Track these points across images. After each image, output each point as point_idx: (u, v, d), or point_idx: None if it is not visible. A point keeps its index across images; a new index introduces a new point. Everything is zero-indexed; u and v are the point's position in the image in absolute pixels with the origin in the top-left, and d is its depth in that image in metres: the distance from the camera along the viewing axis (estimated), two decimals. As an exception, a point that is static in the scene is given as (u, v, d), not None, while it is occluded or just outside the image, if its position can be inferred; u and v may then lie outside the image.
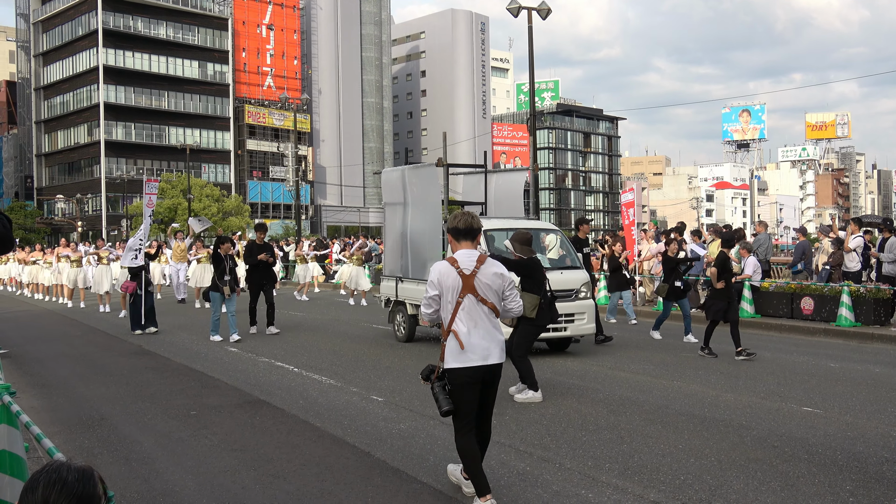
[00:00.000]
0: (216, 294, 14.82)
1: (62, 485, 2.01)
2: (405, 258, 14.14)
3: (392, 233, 14.76)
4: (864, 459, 6.67)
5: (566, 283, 12.26)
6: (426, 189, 13.53)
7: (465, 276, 5.37)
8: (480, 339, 5.35)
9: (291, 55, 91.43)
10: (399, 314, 14.46)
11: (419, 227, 13.66)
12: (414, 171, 14.14)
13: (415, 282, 13.77)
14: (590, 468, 6.47)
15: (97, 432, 8.01)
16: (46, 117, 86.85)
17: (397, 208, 14.54)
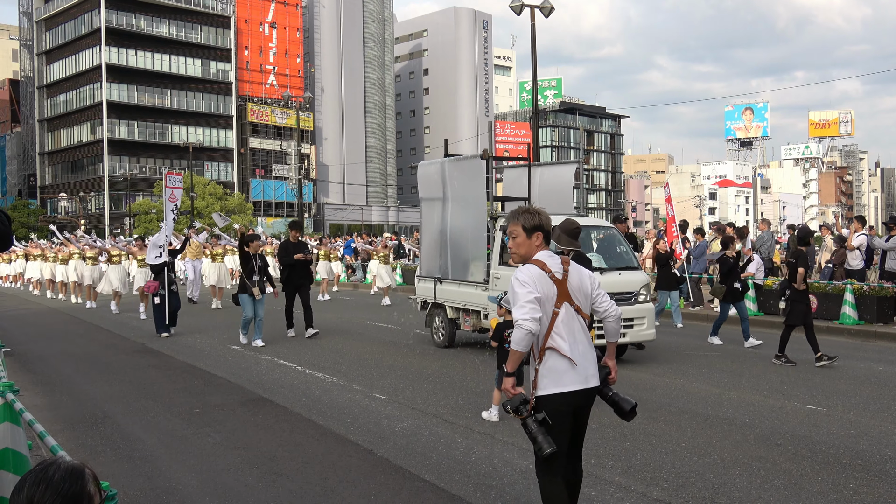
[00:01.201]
0: (245, 296, 13.71)
1: (47, 484, 2.00)
2: (444, 258, 13.26)
3: (429, 230, 13.81)
4: (868, 457, 6.66)
5: (624, 286, 11.35)
6: (468, 183, 12.66)
7: (558, 281, 4.51)
8: (580, 358, 4.52)
9: (294, 53, 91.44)
10: (437, 318, 13.53)
11: (461, 224, 12.84)
12: (455, 164, 13.23)
13: (455, 283, 12.97)
14: (592, 466, 6.46)
15: (100, 430, 8.02)
16: (49, 115, 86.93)
17: (435, 204, 13.59)
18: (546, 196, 13.92)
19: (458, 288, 12.85)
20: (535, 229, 4.63)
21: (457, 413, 8.45)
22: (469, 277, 12.52)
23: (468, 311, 12.68)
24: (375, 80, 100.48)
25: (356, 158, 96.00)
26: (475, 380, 10.39)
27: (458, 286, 12.86)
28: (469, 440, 7.33)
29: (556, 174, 14.62)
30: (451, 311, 13.14)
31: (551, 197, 13.88)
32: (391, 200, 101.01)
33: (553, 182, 14.36)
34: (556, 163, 15.34)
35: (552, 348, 4.45)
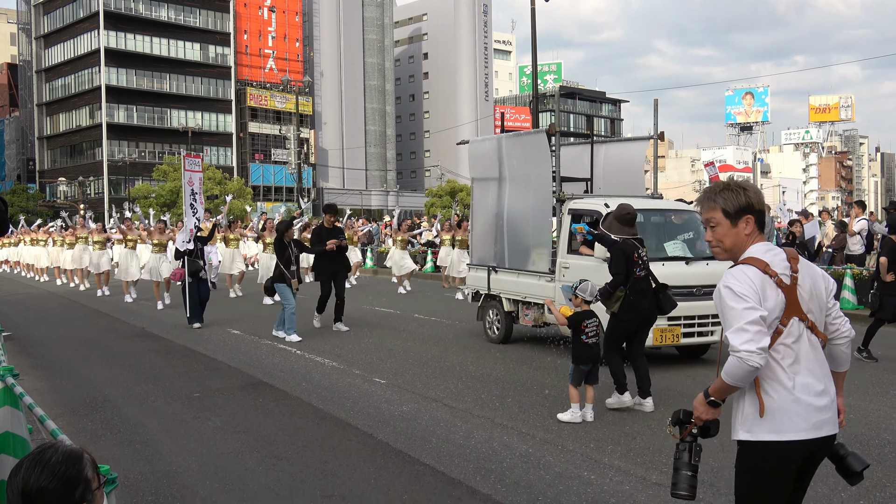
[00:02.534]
0: (284, 286, 12.64)
1: (43, 466, 1.99)
2: (500, 244, 12.04)
3: (482, 214, 12.57)
4: (867, 442, 6.67)
5: (713, 277, 9.75)
6: (530, 161, 11.44)
7: (786, 287, 3.20)
8: (810, 394, 3.23)
9: (293, 37, 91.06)
10: (492, 310, 12.27)
11: (520, 206, 11.62)
12: (515, 141, 12.14)
13: (513, 272, 11.75)
14: (592, 450, 6.48)
15: (100, 414, 8.03)
16: (48, 100, 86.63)
17: (490, 185, 12.34)
18: (610, 177, 12.83)
19: (517, 278, 11.63)
20: (742, 212, 3.29)
21: (456, 397, 8.46)
22: (530, 267, 11.36)
23: (528, 304, 11.50)
24: (375, 64, 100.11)
25: (356, 143, 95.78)
26: (475, 364, 10.40)
27: (517, 276, 11.64)
28: (469, 424, 7.34)
29: (622, 152, 13.14)
30: (507, 303, 11.91)
31: (616, 178, 12.71)
32: (391, 185, 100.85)
33: (619, 161, 12.96)
34: (624, 139, 13.75)
35: (771, 379, 3.21)
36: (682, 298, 9.17)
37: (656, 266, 9.03)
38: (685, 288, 9.48)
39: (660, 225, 10.72)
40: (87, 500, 2.03)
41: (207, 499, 5.56)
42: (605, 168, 12.93)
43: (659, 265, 9.23)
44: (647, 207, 10.58)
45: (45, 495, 1.96)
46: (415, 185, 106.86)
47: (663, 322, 9.24)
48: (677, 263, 9.83)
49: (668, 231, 10.61)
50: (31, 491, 1.96)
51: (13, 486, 1.97)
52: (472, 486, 5.66)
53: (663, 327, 9.35)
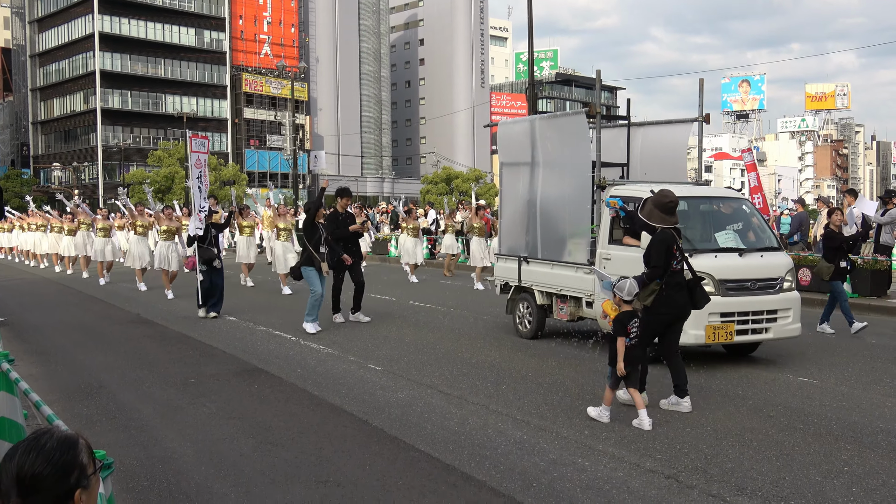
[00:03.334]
0: (312, 270, 11.91)
1: (38, 452, 1.98)
2: (532, 233, 11.30)
3: (512, 201, 11.85)
4: (860, 429, 6.71)
5: (768, 270, 9.33)
6: (567, 145, 10.69)
7: None
8: None
9: (289, 23, 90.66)
10: (522, 304, 11.51)
11: (556, 193, 10.86)
12: (550, 122, 11.37)
13: (547, 264, 10.95)
14: (586, 437, 6.50)
15: (96, 400, 8.04)
16: (42, 85, 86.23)
17: (521, 170, 11.60)
18: (650, 162, 11.91)
19: (552, 270, 10.85)
20: None
21: (451, 384, 8.48)
22: (566, 258, 10.59)
23: (564, 298, 10.75)
24: (370, 50, 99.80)
25: (351, 129, 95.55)
26: (470, 351, 10.42)
27: (552, 268, 10.84)
28: (464, 411, 7.36)
29: (663, 135, 12.13)
30: (540, 296, 11.14)
31: (656, 163, 11.78)
32: (386, 171, 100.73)
33: (659, 145, 12.01)
34: (665, 121, 12.70)
35: None
36: (736, 293, 8.88)
37: (708, 258, 8.77)
38: (739, 282, 8.99)
39: (708, 214, 10.09)
40: (82, 485, 2.02)
41: (202, 484, 5.57)
42: (642, 152, 12.04)
43: (710, 257, 8.89)
44: (695, 195, 9.98)
45: (40, 481, 1.96)
46: (410, 171, 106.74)
47: (716, 319, 8.74)
48: (730, 255, 9.17)
49: (718, 220, 9.91)
50: (26, 476, 1.95)
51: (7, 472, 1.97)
52: (467, 472, 5.68)
53: (716, 324, 8.77)
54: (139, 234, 18.72)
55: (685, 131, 11.95)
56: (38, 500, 1.97)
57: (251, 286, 18.92)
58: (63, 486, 1.99)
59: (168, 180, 64.15)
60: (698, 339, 8.75)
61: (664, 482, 5.47)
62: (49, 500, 1.99)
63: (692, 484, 5.43)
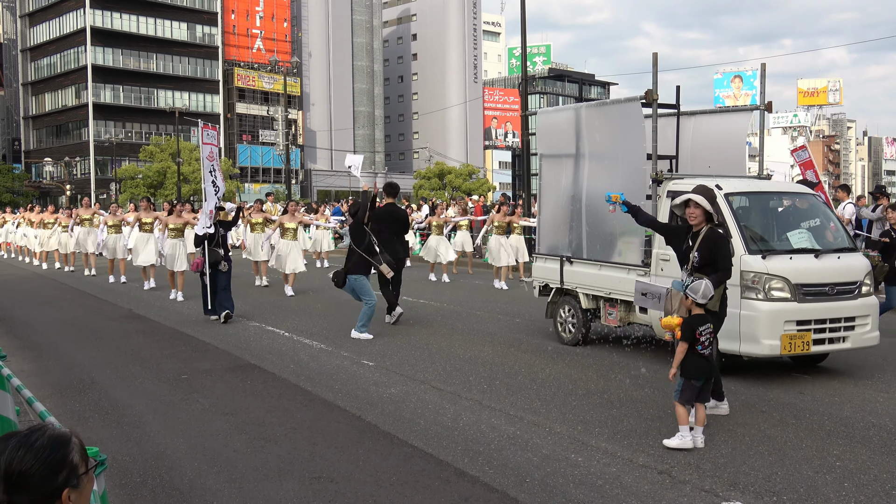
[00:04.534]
0: (363, 278, 11.17)
1: (27, 449, 1.97)
2: (576, 231, 10.38)
3: (553, 196, 10.99)
4: (852, 424, 6.73)
5: (846, 273, 8.42)
6: (619, 135, 9.81)
7: None
8: None
9: (281, 17, 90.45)
10: (565, 307, 10.61)
11: (604, 188, 9.44)
12: (599, 111, 10.45)
13: (594, 265, 10.02)
14: (579, 432, 6.52)
15: (88, 396, 8.02)
16: (34, 79, 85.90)
17: (564, 162, 10.74)
18: (702, 154, 10.86)
19: (599, 271, 9.96)
20: None
21: (444, 379, 8.48)
22: (616, 258, 9.71)
23: (613, 301, 9.84)
24: (363, 45, 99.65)
25: (344, 124, 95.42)
26: (463, 346, 10.42)
27: (599, 269, 9.95)
28: (457, 406, 7.37)
29: (718, 125, 11.08)
30: (585, 299, 10.24)
31: (710, 155, 10.75)
32: (379, 167, 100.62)
33: (714, 135, 10.95)
34: (720, 110, 11.45)
35: None
36: (813, 299, 8.09)
37: (782, 260, 8.11)
38: (816, 286, 8.16)
39: (778, 211, 9.34)
40: (71, 485, 2.00)
41: (195, 480, 5.57)
42: (693, 144, 10.97)
43: (785, 259, 8.14)
44: (762, 190, 9.23)
45: (27, 478, 1.95)
46: (403, 167, 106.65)
47: (792, 327, 7.94)
48: (806, 257, 8.32)
49: (789, 218, 9.17)
50: (13, 473, 1.94)
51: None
52: (460, 467, 5.69)
53: (792, 333, 7.93)
54: (145, 231, 17.85)
55: (744, 121, 11.00)
56: (24, 497, 1.96)
57: (266, 286, 17.99)
58: (51, 484, 1.97)
59: (160, 175, 63.98)
60: (773, 351, 7.93)
61: (657, 477, 5.48)
62: (36, 498, 1.97)
63: (685, 479, 5.45)
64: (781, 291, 7.95)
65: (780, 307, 7.92)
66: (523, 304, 14.28)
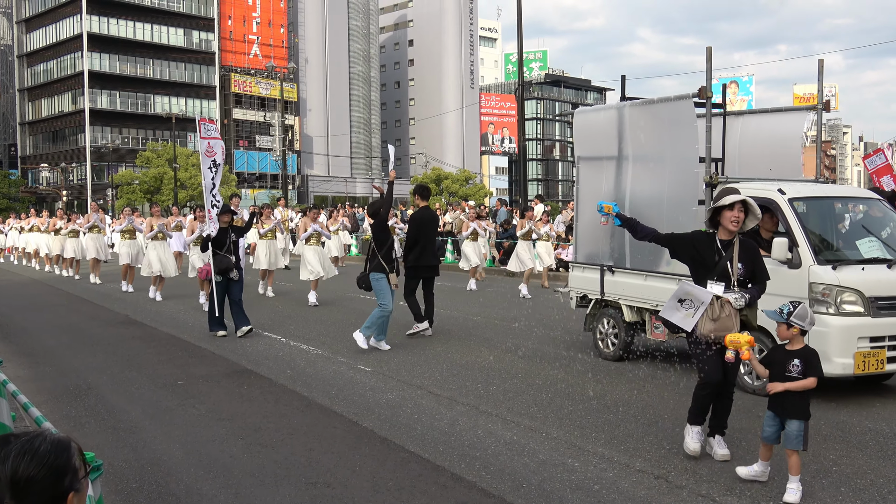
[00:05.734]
0: (383, 280, 10.52)
1: (32, 455, 1.97)
2: (618, 238, 9.67)
3: (591, 200, 9.90)
4: (848, 428, 6.74)
5: None
6: (668, 135, 9.07)
7: None
8: None
9: (278, 23, 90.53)
10: (606, 320, 9.97)
11: (650, 192, 9.25)
12: (644, 110, 9.58)
13: (638, 274, 9.36)
14: (576, 437, 6.51)
15: (84, 401, 8.01)
16: (30, 85, 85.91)
17: (604, 165, 10.02)
18: (751, 156, 10.08)
19: (645, 282, 9.28)
20: None
21: (441, 385, 8.48)
22: (663, 268, 9.00)
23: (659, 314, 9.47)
24: (360, 50, 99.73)
25: (340, 130, 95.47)
26: (459, 351, 10.41)
27: (645, 279, 9.28)
28: (453, 412, 7.36)
29: (771, 126, 10.27)
30: (629, 311, 9.56)
31: (761, 157, 9.97)
32: (375, 172, 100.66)
33: (765, 137, 10.18)
34: (771, 109, 10.88)
35: None
36: (888, 313, 7.51)
37: (853, 271, 7.53)
38: (891, 299, 7.54)
39: (844, 218, 8.81)
40: (74, 489, 2.02)
41: (192, 486, 5.56)
42: (742, 145, 10.16)
43: (856, 270, 7.56)
44: (828, 195, 8.59)
45: (34, 484, 1.95)
46: (400, 172, 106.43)
47: (865, 344, 7.39)
48: (878, 267, 7.74)
49: (857, 225, 8.68)
50: (21, 479, 1.94)
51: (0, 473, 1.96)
52: (457, 472, 5.68)
53: (865, 351, 7.38)
54: (159, 238, 17.18)
55: (800, 121, 10.16)
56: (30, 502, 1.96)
57: (272, 296, 17.04)
58: (57, 489, 1.98)
59: (157, 181, 63.95)
60: (846, 370, 7.36)
61: (654, 482, 5.48)
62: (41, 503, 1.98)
63: (681, 484, 5.45)
64: (854, 305, 7.40)
65: (853, 322, 7.37)
66: (520, 308, 14.29)
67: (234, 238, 12.03)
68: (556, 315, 13.33)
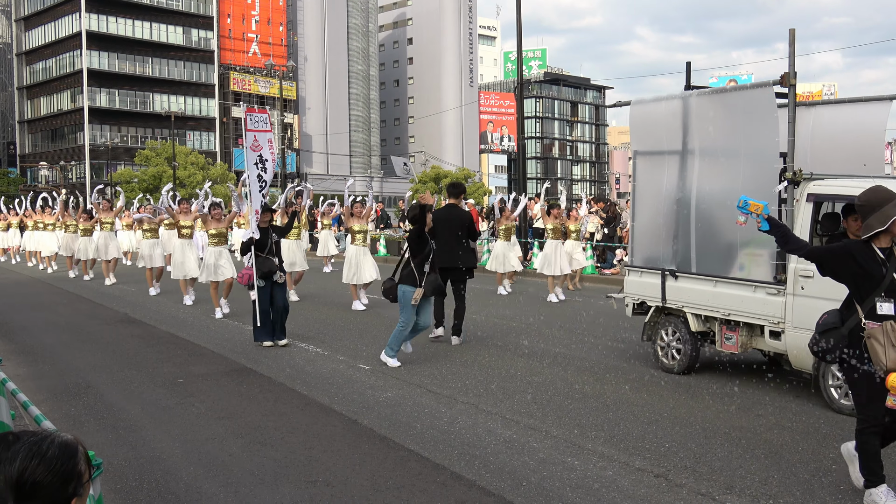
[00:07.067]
0: (410, 291, 9.48)
1: (41, 458, 1.96)
2: (683, 241, 8.91)
3: (651, 199, 9.45)
4: (848, 428, 6.72)
5: None
6: (744, 127, 8.31)
7: None
8: None
9: (277, 21, 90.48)
10: (668, 330, 9.14)
11: (722, 189, 8.42)
12: (715, 99, 8.89)
13: (707, 280, 8.57)
14: (576, 436, 6.51)
15: (83, 400, 8.01)
16: (29, 83, 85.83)
17: (665, 160, 9.29)
18: (825, 150, 9.20)
19: (714, 288, 8.51)
20: None
21: (440, 383, 8.48)
22: (737, 273, 8.30)
23: (732, 324, 8.40)
24: (359, 49, 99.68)
25: (340, 128, 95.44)
26: (459, 350, 10.41)
27: (714, 285, 8.51)
28: (453, 410, 7.36)
29: (847, 118, 9.44)
30: (695, 321, 8.77)
31: (835, 151, 9.17)
32: (375, 171, 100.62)
33: (841, 129, 9.36)
34: (849, 100, 9.87)
35: None
36: None
37: None
38: None
39: None
40: (78, 494, 2.01)
41: (191, 484, 5.55)
42: (814, 138, 9.26)
43: None
44: None
45: (40, 489, 1.94)
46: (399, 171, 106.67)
47: None
48: None
49: None
50: (26, 482, 1.93)
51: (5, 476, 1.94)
52: (457, 471, 5.68)
53: None
54: (185, 236, 15.74)
55: (881, 113, 9.19)
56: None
57: (296, 300, 15.48)
58: (61, 494, 1.97)
59: (156, 179, 63.89)
60: None
61: (653, 481, 5.48)
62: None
63: (681, 482, 5.45)
64: None
65: None
66: (516, 308, 14.29)
67: (276, 238, 11.19)
68: (556, 314, 13.34)
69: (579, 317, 13.34)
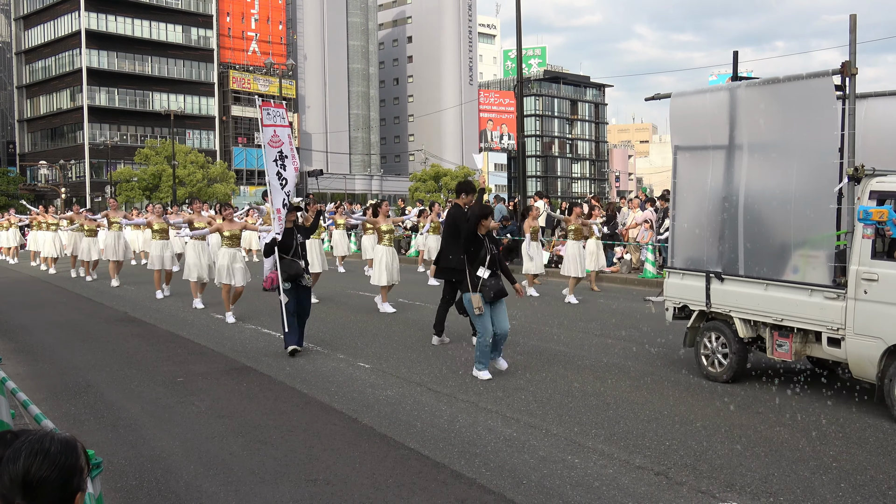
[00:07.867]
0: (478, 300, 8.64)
1: (44, 455, 1.99)
2: (729, 241, 8.42)
3: (694, 197, 8.96)
4: (848, 425, 6.73)
5: None
6: (798, 120, 7.81)
7: None
8: None
9: (276, 20, 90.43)
10: (713, 335, 8.62)
11: (773, 187, 7.98)
12: (766, 91, 8.24)
13: (757, 283, 8.07)
14: (576, 434, 6.51)
15: (83, 399, 8.00)
16: (28, 82, 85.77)
17: (710, 156, 8.77)
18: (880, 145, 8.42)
19: (765, 292, 8.00)
20: None
21: (440, 381, 8.48)
22: (790, 275, 7.80)
23: (783, 330, 7.92)
24: (359, 47, 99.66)
25: (339, 127, 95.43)
26: (458, 349, 10.40)
27: (765, 289, 7.99)
28: (453, 408, 7.36)
29: None
30: (743, 326, 8.27)
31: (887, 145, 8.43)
32: (374, 169, 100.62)
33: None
34: None
35: None
36: None
37: None
38: None
39: None
40: (81, 489, 2.04)
41: (191, 483, 5.55)
42: (866, 132, 8.38)
43: None
44: None
45: (46, 485, 1.97)
46: (399, 169, 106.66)
47: None
48: None
49: None
50: (33, 479, 1.96)
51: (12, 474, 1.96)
52: (457, 469, 5.68)
53: None
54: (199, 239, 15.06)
55: None
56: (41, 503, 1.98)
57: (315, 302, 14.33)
58: (67, 489, 2.01)
59: (155, 178, 63.89)
60: None
61: (654, 479, 5.48)
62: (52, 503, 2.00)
63: (682, 480, 5.45)
64: None
65: None
66: (512, 307, 14.29)
67: (301, 240, 10.67)
68: (556, 313, 13.34)
69: (582, 316, 13.34)
